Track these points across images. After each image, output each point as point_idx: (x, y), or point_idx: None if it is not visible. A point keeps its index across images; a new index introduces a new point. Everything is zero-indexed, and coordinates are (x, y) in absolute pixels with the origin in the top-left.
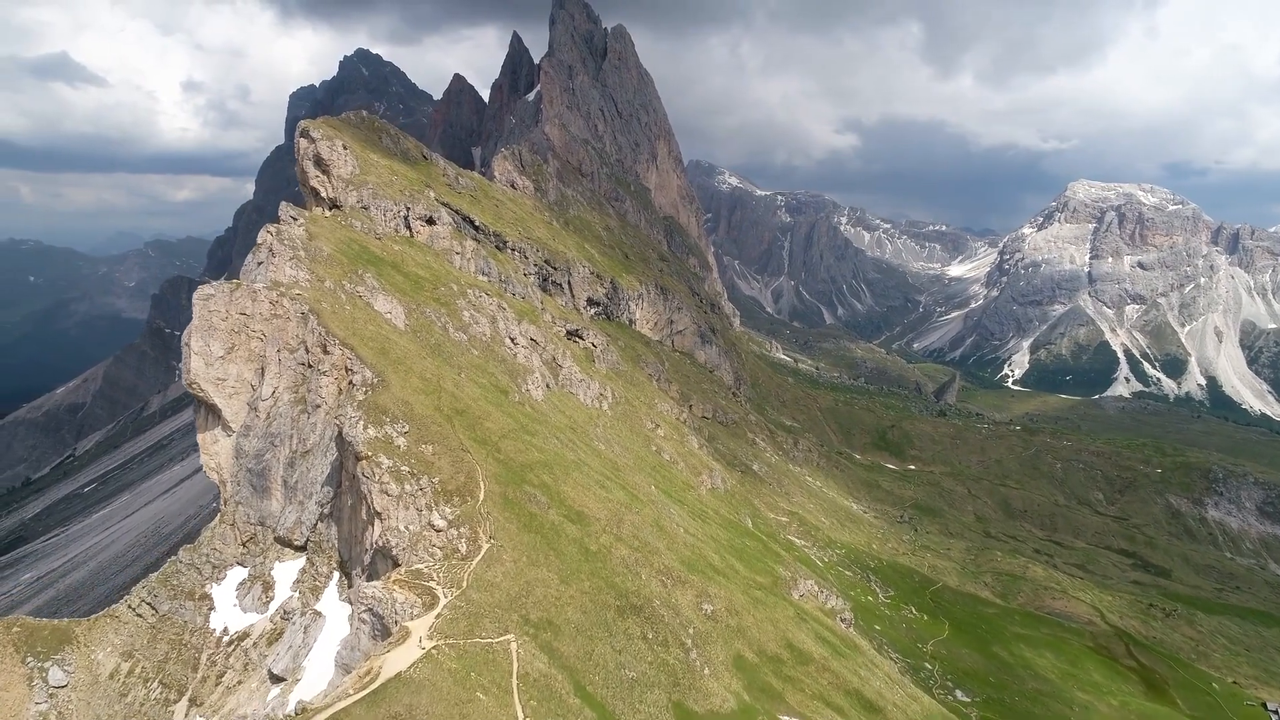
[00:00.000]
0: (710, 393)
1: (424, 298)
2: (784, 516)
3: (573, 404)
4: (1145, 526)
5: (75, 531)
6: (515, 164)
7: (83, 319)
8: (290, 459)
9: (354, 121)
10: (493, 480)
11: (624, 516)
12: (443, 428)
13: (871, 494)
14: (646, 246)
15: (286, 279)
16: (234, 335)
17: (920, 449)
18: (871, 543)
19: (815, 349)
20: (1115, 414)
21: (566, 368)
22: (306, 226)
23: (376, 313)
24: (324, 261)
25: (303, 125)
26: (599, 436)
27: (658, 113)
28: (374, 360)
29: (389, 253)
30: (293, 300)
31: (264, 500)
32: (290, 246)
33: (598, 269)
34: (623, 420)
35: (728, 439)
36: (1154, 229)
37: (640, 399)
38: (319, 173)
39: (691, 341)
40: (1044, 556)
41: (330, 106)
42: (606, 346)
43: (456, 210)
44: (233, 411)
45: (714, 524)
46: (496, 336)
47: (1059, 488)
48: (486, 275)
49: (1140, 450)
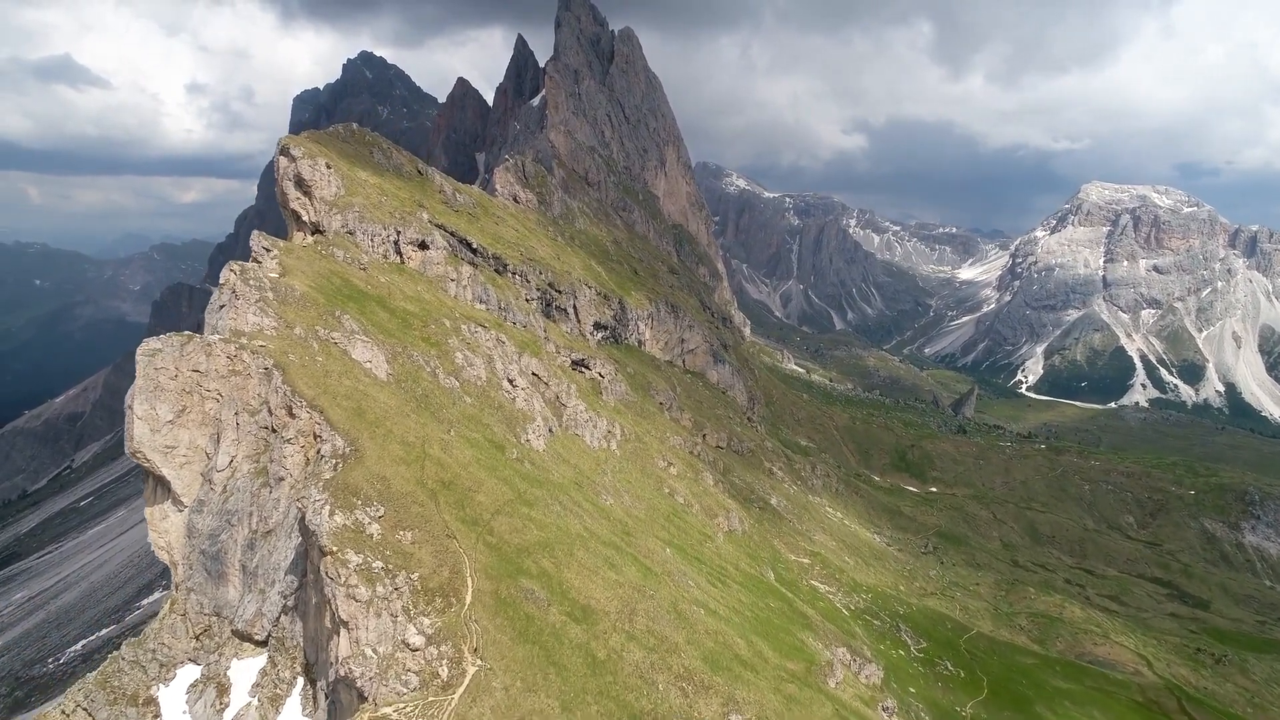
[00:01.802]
0: (724, 419)
1: (412, 338)
2: (805, 558)
3: (578, 449)
4: (1180, 553)
5: (69, 548)
6: (518, 176)
7: (88, 323)
8: (250, 540)
9: (342, 135)
10: (483, 574)
11: (637, 605)
12: (425, 508)
13: (893, 522)
14: (655, 259)
15: (249, 327)
16: (185, 396)
17: (942, 470)
18: (899, 583)
19: (827, 357)
20: (1136, 425)
21: (571, 407)
22: (280, 259)
23: (354, 362)
24: (295, 303)
25: (283, 142)
26: (607, 487)
27: (666, 118)
28: (347, 424)
29: (374, 285)
30: (254, 354)
31: (220, 587)
32: (256, 287)
33: (605, 289)
34: (633, 461)
35: (744, 470)
36: (1169, 232)
37: (651, 433)
38: (300, 194)
39: (703, 361)
40: (1076, 587)
41: (333, 109)
42: (614, 376)
43: (452, 232)
44: (184, 484)
45: (735, 586)
46: (493, 379)
47: (1088, 511)
48: (484, 303)
49: (1171, 470)
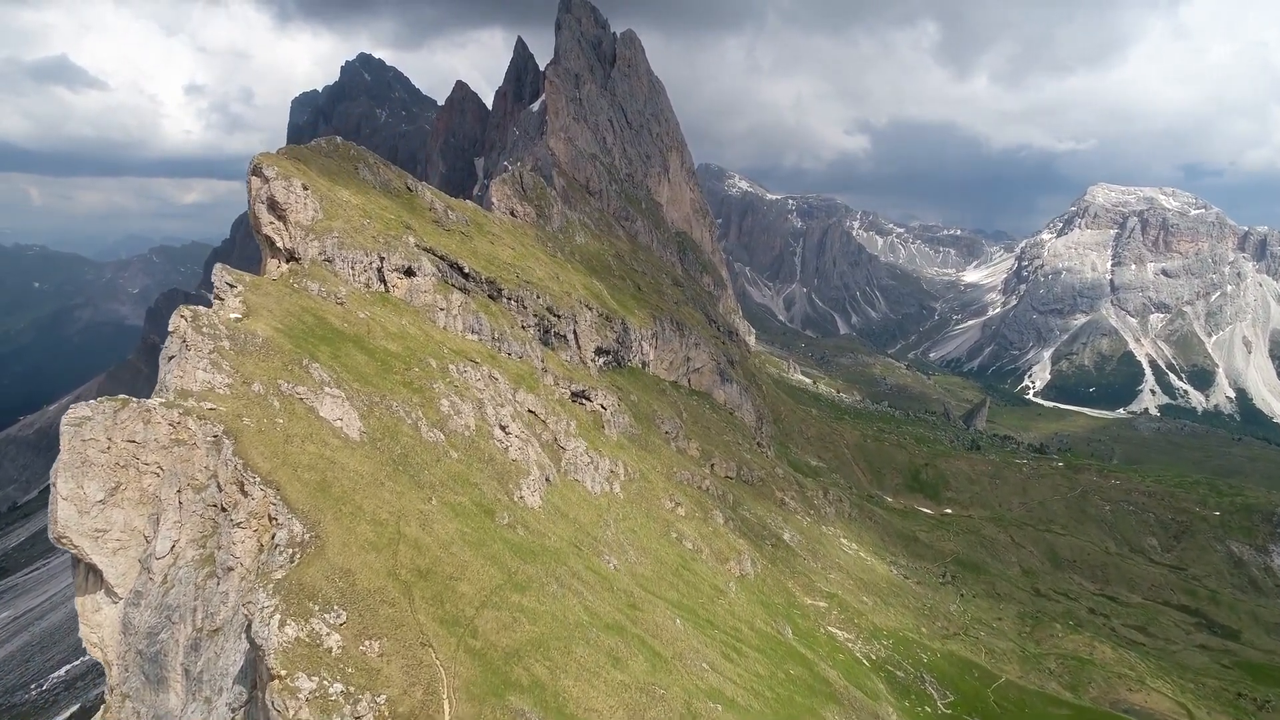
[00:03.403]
0: (732, 445)
1: (392, 384)
2: (822, 601)
3: (578, 497)
4: (1206, 578)
5: (56, 565)
6: (515, 189)
7: (86, 326)
8: (194, 639)
9: (325, 150)
10: (464, 692)
11: (646, 713)
12: (397, 608)
13: (909, 549)
14: (659, 271)
15: (198, 385)
16: (119, 471)
17: (956, 490)
18: (920, 624)
19: (833, 365)
20: (1150, 436)
21: (571, 450)
22: (245, 296)
23: (322, 421)
24: (256, 353)
25: (255, 161)
26: (610, 543)
27: (670, 123)
28: (308, 503)
29: (352, 322)
30: (202, 420)
31: (160, 693)
32: (210, 336)
33: (607, 309)
34: (638, 503)
35: (754, 502)
36: (1178, 235)
37: (657, 469)
38: (274, 219)
39: (710, 380)
40: (1100, 618)
41: (331, 113)
42: (617, 408)
43: (442, 256)
44: (118, 572)
45: (751, 654)
46: (483, 427)
47: (1109, 533)
48: (476, 334)
49: (1194, 489)
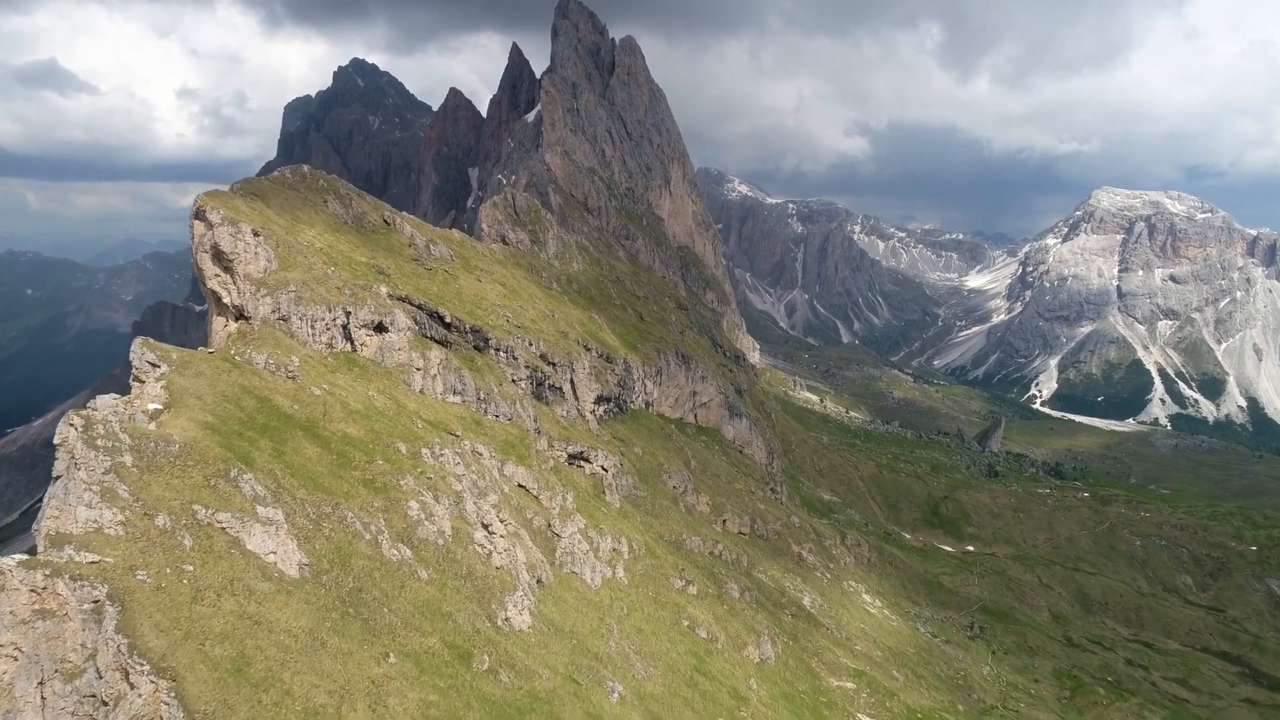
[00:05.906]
0: (744, 494)
1: (349, 485)
2: (849, 681)
3: (576, 596)
4: (1245, 620)
5: None
6: (507, 213)
7: (79, 333)
8: None
9: (290, 181)
10: None
11: None
12: None
13: (933, 597)
14: (663, 295)
15: (80, 527)
16: None
17: (978, 525)
18: (955, 700)
19: (838, 378)
20: (1168, 453)
21: (567, 536)
22: (169, 380)
23: (249, 558)
24: (169, 467)
25: (199, 202)
26: (614, 658)
27: (671, 132)
28: (216, 697)
29: (304, 402)
30: (77, 581)
31: None
32: (108, 450)
33: (607, 350)
34: (644, 588)
35: (770, 563)
36: (1186, 240)
37: (664, 538)
38: (219, 271)
39: (718, 415)
40: (1140, 669)
41: (324, 119)
42: (620, 469)
43: (420, 305)
44: None
45: None
46: (462, 530)
47: (1140, 571)
48: (459, 395)
49: (1229, 521)
